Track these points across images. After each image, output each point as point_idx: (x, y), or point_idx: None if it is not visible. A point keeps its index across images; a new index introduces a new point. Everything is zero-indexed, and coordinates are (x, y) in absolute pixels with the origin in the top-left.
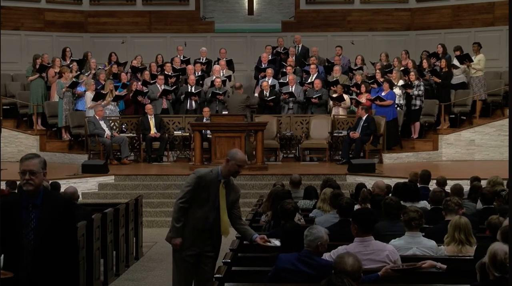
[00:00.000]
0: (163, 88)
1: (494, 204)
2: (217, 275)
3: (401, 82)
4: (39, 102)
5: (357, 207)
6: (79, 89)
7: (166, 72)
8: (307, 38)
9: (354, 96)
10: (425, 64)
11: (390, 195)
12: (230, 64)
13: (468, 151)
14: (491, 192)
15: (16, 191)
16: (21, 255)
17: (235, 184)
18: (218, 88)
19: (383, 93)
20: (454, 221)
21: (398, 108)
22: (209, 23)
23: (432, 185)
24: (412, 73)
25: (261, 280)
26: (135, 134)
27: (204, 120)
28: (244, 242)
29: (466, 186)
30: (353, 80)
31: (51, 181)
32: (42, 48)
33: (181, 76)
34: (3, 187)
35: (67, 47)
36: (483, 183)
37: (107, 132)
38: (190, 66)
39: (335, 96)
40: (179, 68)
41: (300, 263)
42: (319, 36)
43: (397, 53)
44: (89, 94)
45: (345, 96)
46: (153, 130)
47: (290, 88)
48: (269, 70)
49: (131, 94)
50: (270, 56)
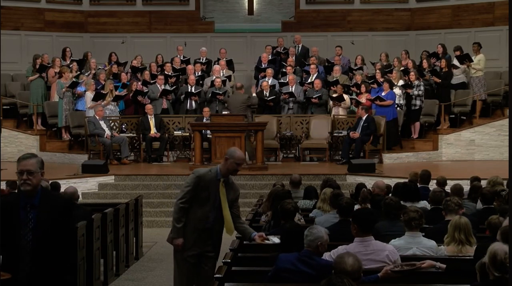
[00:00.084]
0: (163, 88)
1: (494, 204)
2: (217, 275)
3: (401, 82)
4: (39, 102)
5: (357, 207)
6: (79, 89)
7: (166, 72)
8: (307, 38)
9: (354, 96)
10: (425, 64)
11: (390, 195)
12: (230, 64)
13: (468, 151)
14: (491, 192)
15: (16, 191)
16: (19, 256)
17: (235, 183)
18: (218, 88)
19: (383, 93)
20: (454, 221)
21: (398, 108)
22: (209, 23)
23: (432, 185)
24: (412, 73)
25: (261, 280)
26: (135, 134)
27: (204, 120)
28: (244, 242)
29: (466, 186)
30: (353, 80)
31: (51, 181)
32: (42, 48)
33: (181, 76)
34: (3, 187)
35: (67, 47)
36: (483, 183)
37: (107, 132)
38: (190, 66)
39: (335, 96)
40: (179, 68)
41: (300, 263)
42: (319, 36)
43: (397, 53)
44: (89, 94)
45: (345, 96)
46: (153, 130)
47: (290, 88)
48: (269, 70)
49: (131, 94)
50: (270, 56)
